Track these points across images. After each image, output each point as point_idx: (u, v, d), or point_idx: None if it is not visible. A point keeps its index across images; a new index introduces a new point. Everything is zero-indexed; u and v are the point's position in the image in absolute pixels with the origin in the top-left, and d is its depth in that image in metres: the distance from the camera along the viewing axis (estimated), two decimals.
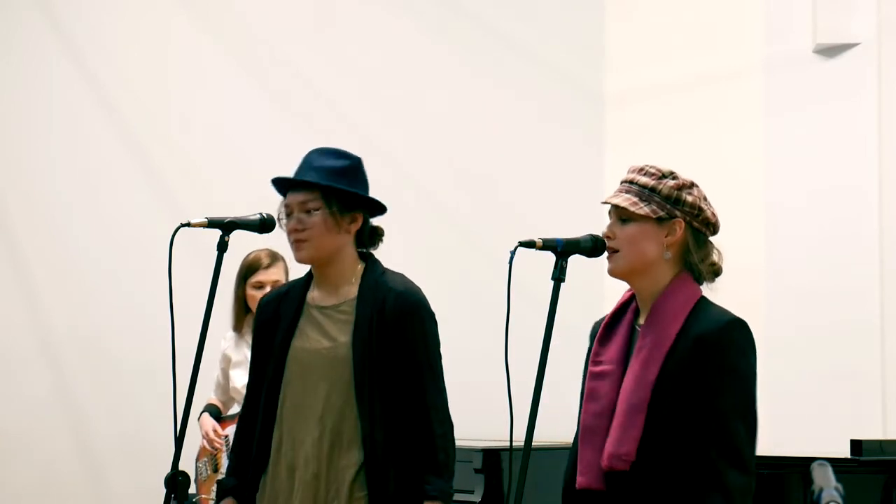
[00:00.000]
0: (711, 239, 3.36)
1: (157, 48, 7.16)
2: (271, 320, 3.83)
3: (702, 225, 3.33)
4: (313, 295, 3.80)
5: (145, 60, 7.12)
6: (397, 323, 3.68)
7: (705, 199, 3.35)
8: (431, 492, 3.65)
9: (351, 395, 3.65)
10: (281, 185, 3.80)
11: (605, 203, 3.33)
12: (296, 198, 3.74)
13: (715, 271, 3.36)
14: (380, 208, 3.81)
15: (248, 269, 5.54)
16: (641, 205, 3.27)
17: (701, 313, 3.25)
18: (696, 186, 3.35)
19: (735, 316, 3.26)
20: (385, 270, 3.79)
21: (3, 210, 6.91)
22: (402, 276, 3.80)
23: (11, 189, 6.91)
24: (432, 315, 3.77)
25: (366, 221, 3.79)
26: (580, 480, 3.27)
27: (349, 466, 3.64)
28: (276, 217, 3.79)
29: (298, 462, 3.68)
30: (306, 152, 3.85)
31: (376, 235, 3.84)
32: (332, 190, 3.70)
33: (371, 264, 3.79)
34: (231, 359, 5.62)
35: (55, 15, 7.01)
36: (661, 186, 3.30)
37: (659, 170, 3.33)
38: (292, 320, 3.78)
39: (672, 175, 3.32)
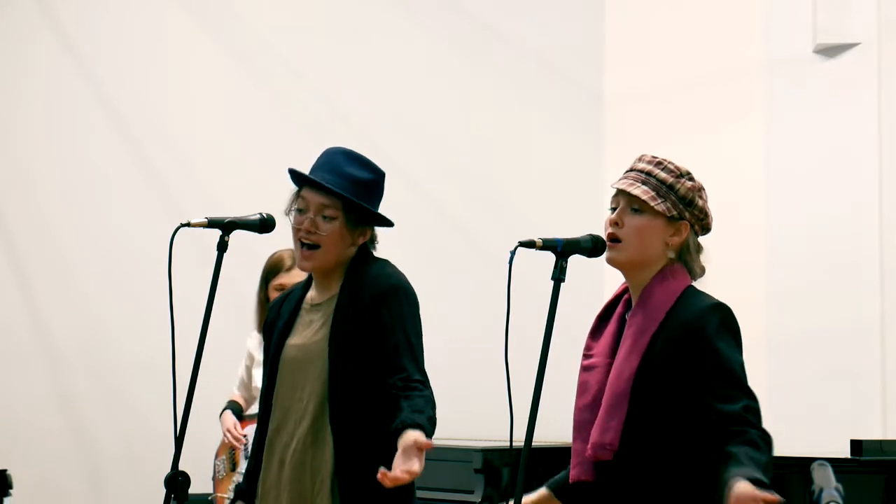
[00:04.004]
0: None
1: (156, 48, 7.16)
2: (274, 322, 3.84)
3: (701, 229, 3.37)
4: (311, 294, 3.81)
5: (145, 60, 7.12)
6: (373, 308, 3.64)
7: (707, 203, 3.39)
8: (416, 419, 3.44)
9: (326, 390, 3.65)
10: (300, 178, 3.76)
11: (621, 189, 3.32)
12: (317, 199, 3.69)
13: (703, 271, 3.39)
14: (387, 225, 3.79)
15: (271, 271, 5.48)
16: (659, 200, 3.28)
17: (686, 301, 3.26)
18: (704, 190, 3.38)
19: (717, 300, 3.26)
20: (372, 259, 3.76)
21: (3, 210, 6.91)
22: (384, 262, 3.76)
23: (11, 189, 6.91)
24: (410, 296, 3.67)
25: (371, 235, 3.79)
26: (572, 473, 3.30)
27: (329, 461, 3.64)
28: (289, 207, 3.76)
29: (286, 458, 3.69)
30: (325, 149, 3.81)
31: (372, 240, 3.82)
32: (355, 204, 3.69)
33: (360, 256, 3.75)
34: (255, 358, 5.60)
35: (54, 15, 7.01)
36: (678, 186, 3.31)
37: (677, 167, 3.34)
38: (288, 320, 3.78)
39: (689, 176, 3.35)
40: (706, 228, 3.38)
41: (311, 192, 3.71)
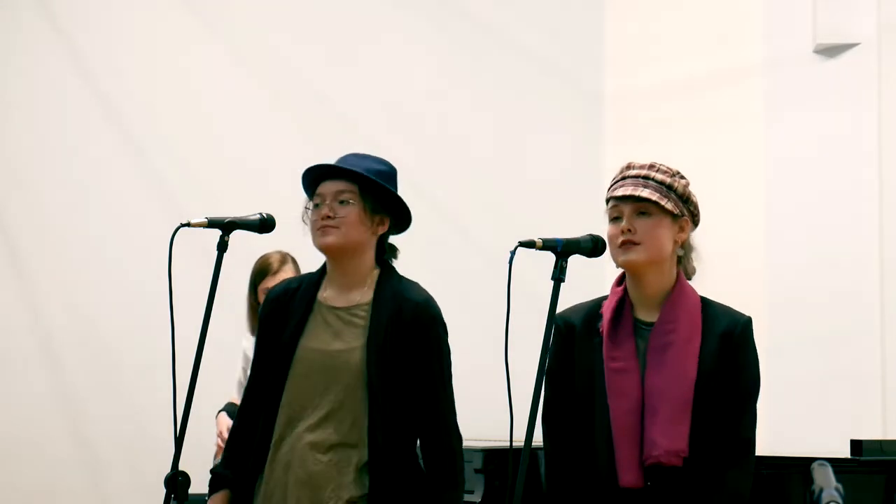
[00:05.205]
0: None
1: (156, 47, 7.15)
2: (278, 316, 3.78)
3: (694, 225, 3.45)
4: (325, 294, 3.76)
5: (145, 60, 7.12)
6: (413, 333, 3.65)
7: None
8: None
9: (359, 399, 3.63)
10: (313, 177, 3.75)
11: (626, 195, 3.34)
12: (332, 186, 3.68)
13: (694, 272, 3.48)
14: (405, 220, 3.78)
15: (258, 275, 5.47)
16: (665, 200, 3.31)
17: (712, 311, 3.40)
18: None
19: (746, 315, 3.43)
20: (402, 278, 3.76)
21: (3, 210, 6.91)
22: (418, 285, 3.77)
23: (11, 189, 6.91)
24: (446, 327, 3.74)
25: (389, 228, 3.78)
26: (626, 478, 3.32)
27: (349, 467, 3.63)
28: (304, 210, 3.75)
29: (295, 461, 3.67)
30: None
31: (393, 249, 3.83)
32: (370, 185, 3.68)
33: (387, 270, 3.76)
34: (251, 360, 5.59)
35: (55, 16, 7.01)
36: (676, 184, 3.38)
37: (668, 168, 3.41)
38: (301, 318, 3.74)
39: (680, 174, 3.40)
40: (697, 223, 3.46)
41: (325, 184, 3.70)
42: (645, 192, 3.32)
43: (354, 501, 3.61)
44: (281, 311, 3.79)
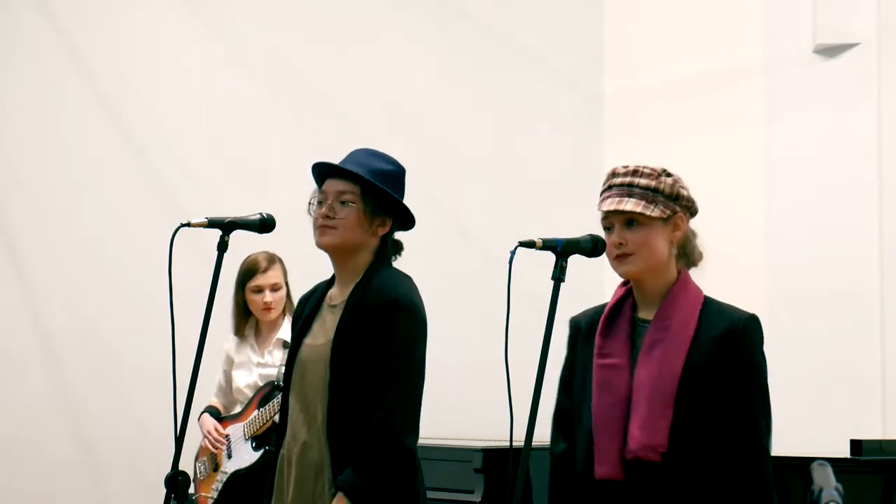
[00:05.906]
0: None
1: (156, 47, 7.16)
2: (298, 317, 3.88)
3: (691, 215, 3.43)
4: (331, 293, 3.82)
5: (145, 60, 7.12)
6: (372, 319, 3.65)
7: (688, 189, 3.45)
8: (339, 482, 3.56)
9: (327, 395, 3.66)
10: (320, 173, 3.79)
11: (613, 211, 3.33)
12: (335, 186, 3.72)
13: (701, 256, 3.45)
14: (409, 221, 3.80)
15: (246, 274, 5.52)
16: (651, 207, 3.30)
17: (713, 310, 3.35)
18: (681, 178, 3.44)
19: (750, 312, 3.37)
20: (388, 270, 3.77)
21: (3, 210, 6.91)
22: (401, 275, 3.77)
23: (11, 189, 6.91)
24: (414, 314, 3.68)
25: (392, 229, 3.79)
26: (601, 471, 3.30)
27: (326, 462, 3.65)
28: (309, 205, 3.77)
29: (293, 457, 3.71)
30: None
31: (397, 247, 3.84)
32: (372, 188, 3.70)
33: (378, 263, 3.76)
34: (234, 360, 5.62)
35: (55, 16, 7.01)
36: (661, 186, 3.35)
37: (652, 169, 3.38)
38: (308, 317, 3.80)
39: (665, 172, 3.39)
40: (694, 213, 3.43)
41: (329, 182, 3.74)
42: (629, 205, 3.31)
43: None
44: (300, 313, 3.88)
